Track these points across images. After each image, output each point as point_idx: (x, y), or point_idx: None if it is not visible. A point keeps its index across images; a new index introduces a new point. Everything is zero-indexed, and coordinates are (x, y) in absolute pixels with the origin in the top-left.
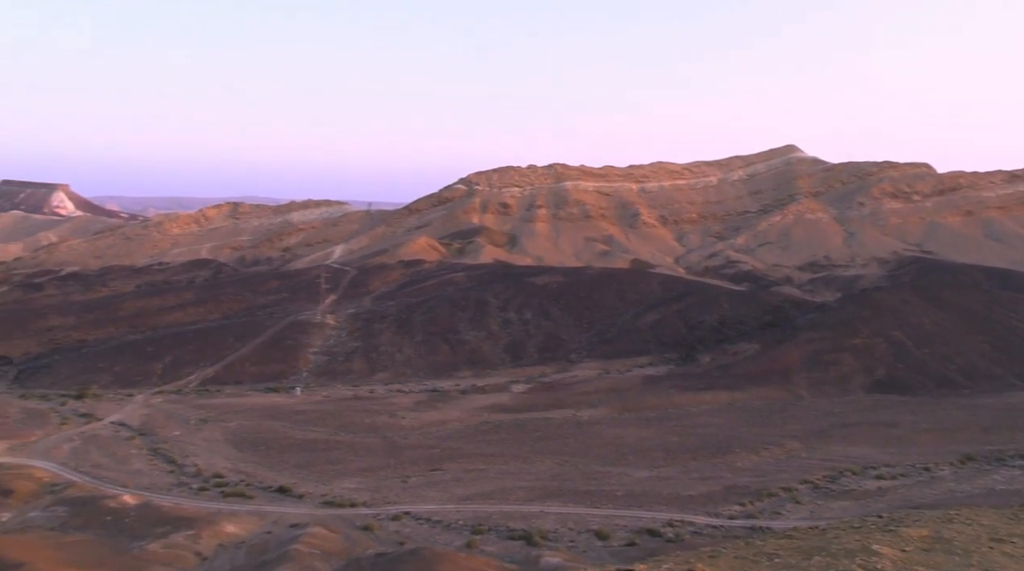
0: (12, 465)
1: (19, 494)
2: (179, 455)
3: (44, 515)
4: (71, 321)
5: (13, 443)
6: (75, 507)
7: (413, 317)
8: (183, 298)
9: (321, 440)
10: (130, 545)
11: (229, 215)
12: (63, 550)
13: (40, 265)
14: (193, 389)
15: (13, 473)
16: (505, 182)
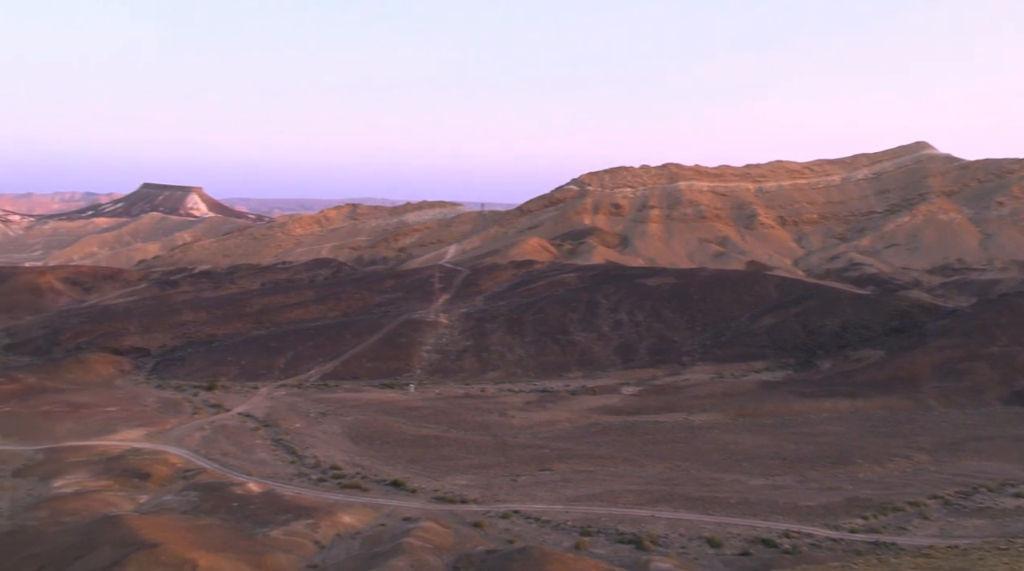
0: (150, 451)
1: (156, 478)
2: (300, 446)
3: (177, 499)
4: (203, 316)
5: (150, 430)
6: (205, 492)
7: (524, 317)
8: (305, 296)
9: (433, 436)
10: (254, 530)
11: (348, 216)
12: (194, 532)
13: (176, 263)
14: (313, 383)
15: (150, 458)
16: (617, 182)
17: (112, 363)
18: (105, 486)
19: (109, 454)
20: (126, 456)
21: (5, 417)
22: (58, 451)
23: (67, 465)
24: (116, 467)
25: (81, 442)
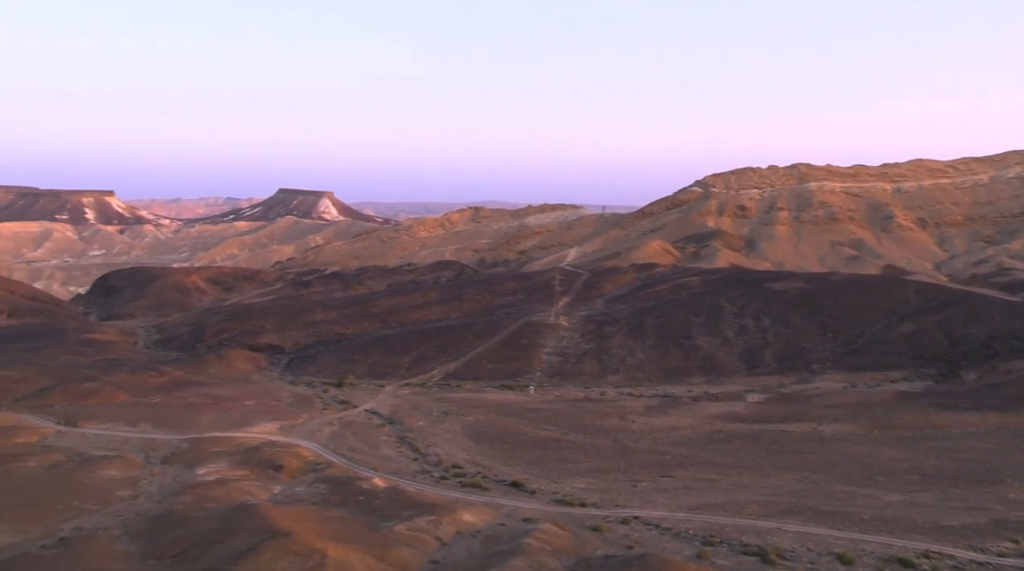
0: (283, 444)
1: (289, 470)
2: (423, 444)
3: (308, 490)
4: (333, 316)
5: (284, 424)
6: (334, 486)
7: (645, 321)
8: (429, 297)
9: (553, 439)
10: (379, 524)
11: (471, 219)
12: (323, 523)
13: (308, 264)
14: (436, 383)
15: (284, 451)
16: (743, 184)
17: (250, 359)
18: (243, 475)
19: (247, 445)
20: (262, 448)
21: (155, 408)
22: (201, 441)
23: (209, 454)
24: (253, 458)
25: (222, 433)
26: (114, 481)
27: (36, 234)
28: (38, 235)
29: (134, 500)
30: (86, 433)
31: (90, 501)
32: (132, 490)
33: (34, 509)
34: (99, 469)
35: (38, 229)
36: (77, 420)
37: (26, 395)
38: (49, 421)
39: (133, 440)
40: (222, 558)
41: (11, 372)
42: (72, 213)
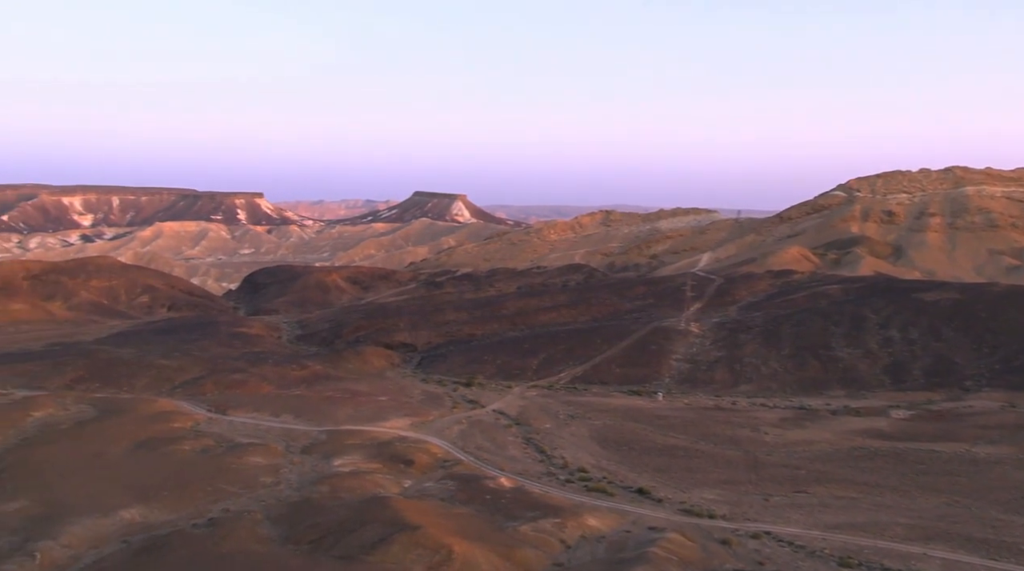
0: (414, 440)
1: (418, 465)
2: (549, 446)
3: (436, 486)
4: (463, 316)
5: (415, 420)
6: (461, 483)
7: (781, 329)
8: (557, 300)
9: (681, 447)
10: (505, 524)
11: (602, 222)
12: (451, 519)
13: (441, 266)
14: (563, 386)
15: (415, 447)
16: (891, 188)
17: (384, 356)
18: (375, 468)
19: (380, 439)
20: (394, 443)
21: (297, 400)
22: (338, 433)
23: (345, 446)
24: (385, 452)
25: (357, 427)
26: (258, 468)
27: (194, 233)
28: (196, 234)
29: (275, 486)
30: (234, 421)
31: (236, 485)
32: (274, 477)
33: (187, 490)
34: (245, 455)
35: (196, 229)
36: (226, 408)
37: (182, 383)
38: (202, 408)
39: (276, 429)
40: (355, 547)
41: (170, 361)
42: (226, 214)
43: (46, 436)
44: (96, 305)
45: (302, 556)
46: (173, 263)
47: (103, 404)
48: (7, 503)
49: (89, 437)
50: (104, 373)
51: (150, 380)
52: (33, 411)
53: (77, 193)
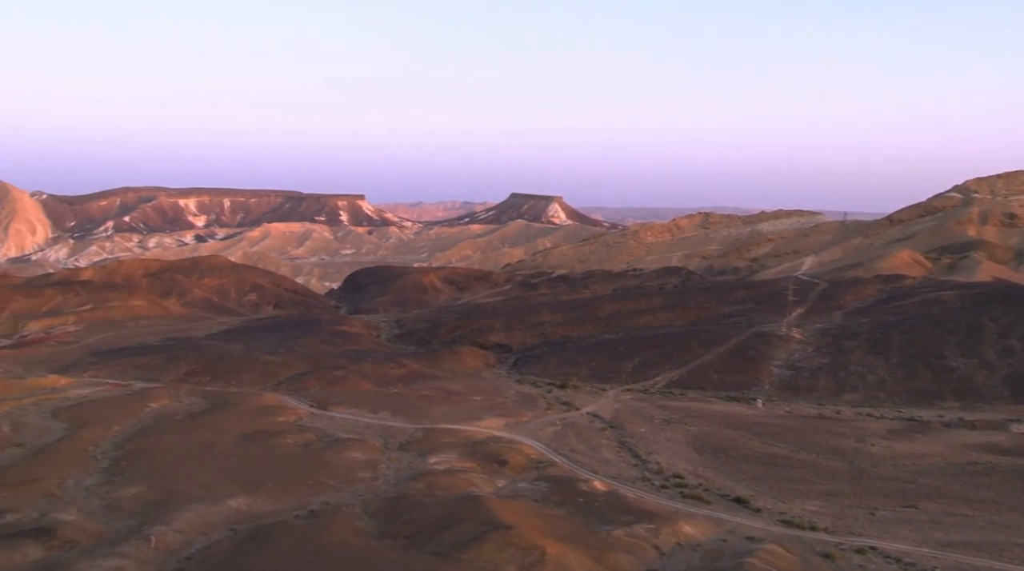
0: (508, 440)
1: (512, 465)
2: (643, 451)
3: (530, 487)
4: (558, 318)
5: (509, 421)
6: (554, 484)
7: (890, 337)
8: (654, 303)
9: (781, 456)
10: (598, 527)
11: (700, 225)
12: (544, 521)
13: (536, 267)
14: (658, 390)
15: (509, 447)
16: (1013, 189)
17: (479, 356)
18: (470, 467)
19: (474, 439)
20: (488, 442)
21: (394, 397)
22: (434, 431)
23: (440, 445)
24: (479, 451)
25: (452, 425)
26: (357, 463)
27: (299, 234)
28: (300, 235)
29: (373, 482)
30: (335, 417)
31: (336, 479)
32: (372, 472)
33: (290, 482)
34: (344, 451)
35: (300, 229)
36: (327, 404)
37: (287, 378)
38: (304, 403)
39: (374, 426)
40: (449, 544)
41: (275, 357)
42: (329, 215)
43: (161, 426)
44: (208, 302)
45: (398, 551)
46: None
47: (213, 397)
48: (126, 488)
49: (200, 428)
50: (215, 367)
51: (257, 375)
52: (150, 402)
53: (192, 195)
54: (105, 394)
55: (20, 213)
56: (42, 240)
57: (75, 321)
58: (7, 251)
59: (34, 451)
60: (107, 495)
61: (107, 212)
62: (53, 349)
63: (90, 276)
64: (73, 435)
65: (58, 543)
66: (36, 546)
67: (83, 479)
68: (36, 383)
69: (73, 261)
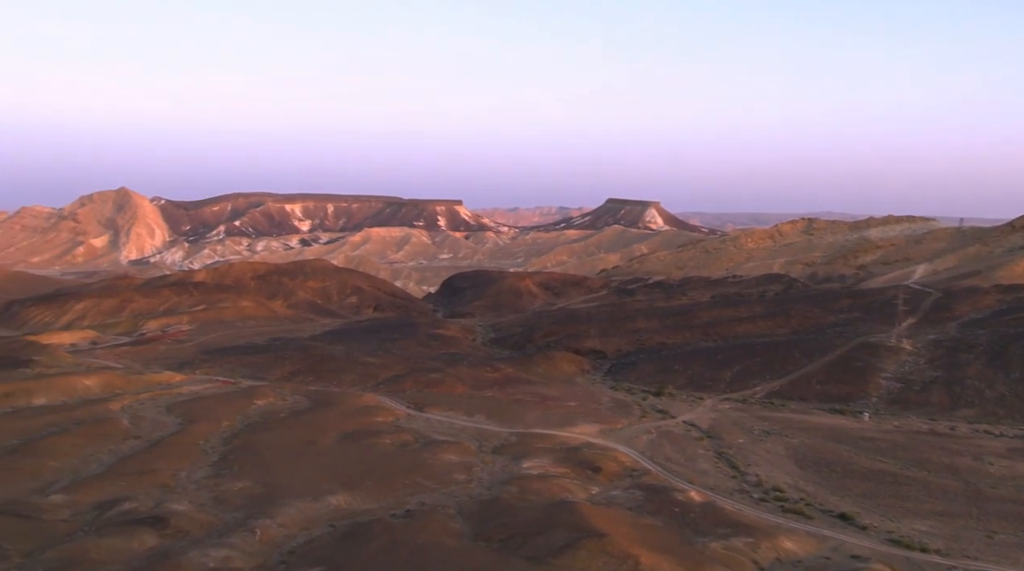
0: (602, 447)
1: (606, 473)
2: (742, 462)
3: (624, 495)
4: (654, 325)
5: (603, 427)
6: (649, 493)
7: (1010, 350)
8: (753, 311)
9: (889, 472)
10: (694, 539)
11: (803, 231)
12: (637, 530)
13: (632, 273)
14: (758, 400)
15: (603, 454)
16: None
17: (574, 362)
18: (563, 473)
19: (568, 444)
20: (582, 448)
21: (489, 401)
22: (528, 436)
23: (534, 449)
24: (573, 457)
25: (546, 430)
26: (452, 465)
27: (398, 238)
28: (399, 239)
29: (468, 484)
30: (430, 418)
31: (431, 480)
32: (466, 474)
33: (387, 481)
34: (440, 452)
35: (400, 234)
36: (424, 406)
37: (385, 380)
38: (401, 404)
39: (469, 429)
40: (542, 549)
41: (375, 359)
42: (427, 220)
43: (267, 423)
44: (311, 304)
45: (492, 553)
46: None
47: (316, 396)
48: (233, 482)
49: (303, 426)
50: (317, 367)
51: (357, 376)
52: (256, 399)
53: (297, 201)
54: (215, 391)
55: (140, 218)
56: (160, 243)
57: (189, 320)
58: (128, 254)
59: (150, 444)
60: (216, 488)
61: (219, 217)
62: (168, 347)
63: (203, 278)
64: (186, 429)
65: (171, 532)
66: (151, 534)
67: (194, 472)
68: (153, 379)
69: (188, 263)
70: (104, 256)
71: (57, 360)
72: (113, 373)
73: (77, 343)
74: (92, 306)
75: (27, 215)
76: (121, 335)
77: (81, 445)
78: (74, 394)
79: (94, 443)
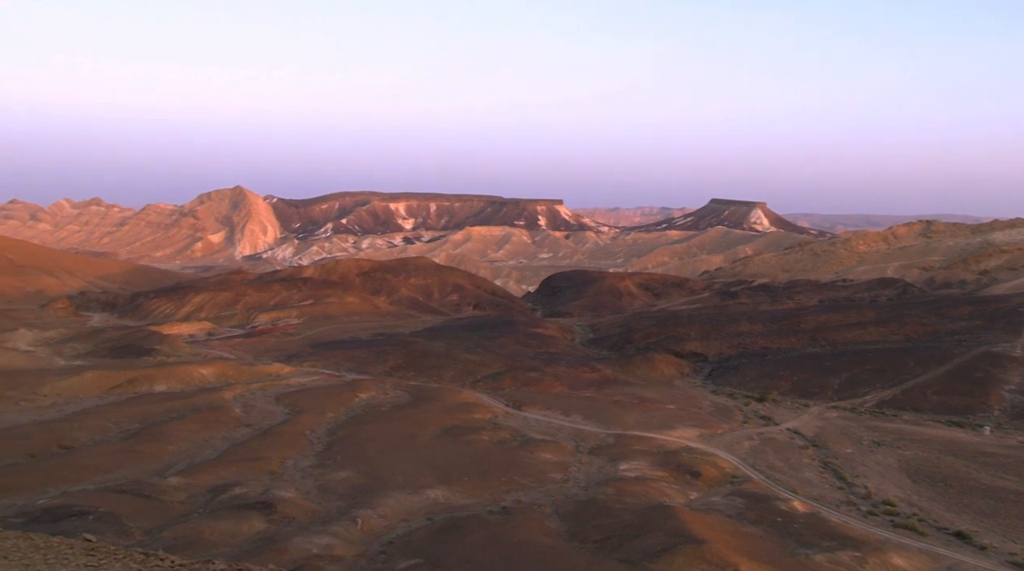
0: (702, 451)
1: (706, 478)
2: (849, 473)
3: (723, 502)
4: (758, 328)
5: (703, 432)
6: (750, 501)
7: None
8: (865, 316)
9: (1012, 490)
10: (796, 550)
11: (920, 233)
12: (738, 538)
13: (736, 275)
14: (868, 409)
15: (702, 458)
16: None
17: (674, 364)
18: (661, 476)
19: (666, 448)
20: (681, 452)
21: (586, 401)
22: (625, 438)
23: (632, 451)
24: (671, 461)
25: (644, 433)
26: (548, 464)
27: (499, 237)
28: (500, 238)
29: (564, 484)
30: (528, 417)
31: (528, 478)
32: (563, 474)
33: (484, 478)
34: (537, 451)
35: (500, 233)
36: (521, 404)
37: (484, 377)
38: (499, 402)
39: (566, 428)
40: (638, 552)
41: (474, 356)
42: (527, 220)
43: (369, 416)
44: (413, 301)
45: (587, 554)
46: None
47: (416, 391)
48: (336, 472)
49: (403, 420)
50: (418, 363)
51: (456, 372)
52: (360, 393)
53: (401, 199)
54: (321, 383)
55: (254, 215)
56: (272, 240)
57: (297, 315)
58: (242, 249)
59: (260, 432)
60: (320, 477)
61: (327, 215)
62: (278, 340)
63: (311, 274)
64: (293, 419)
65: (278, 518)
66: (259, 518)
67: (300, 460)
68: (263, 370)
69: (297, 260)
70: (220, 251)
71: (176, 350)
72: (227, 363)
73: (195, 333)
74: (208, 299)
75: (151, 212)
76: (234, 327)
77: (197, 431)
78: (191, 382)
79: (209, 429)
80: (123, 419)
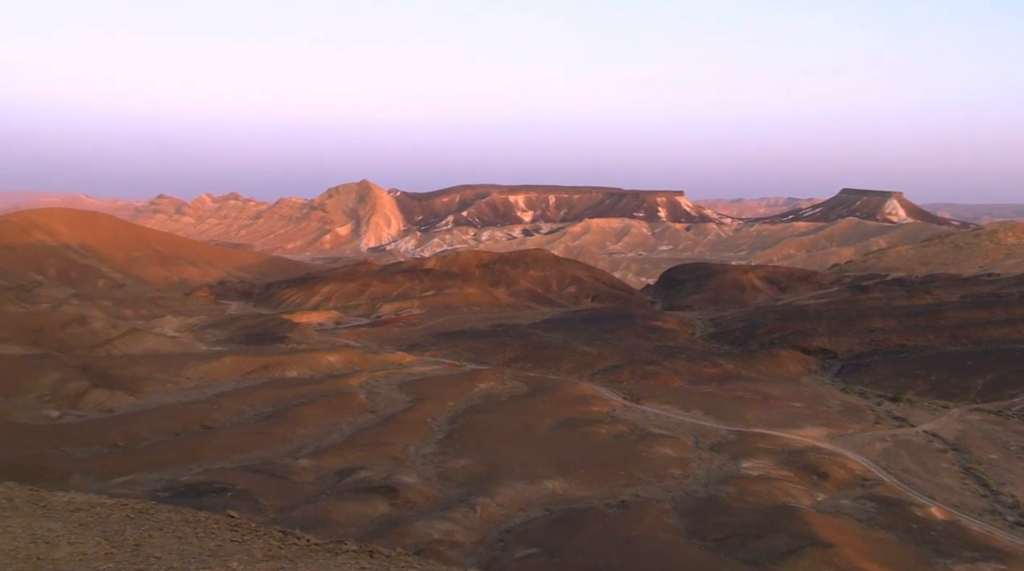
0: (830, 452)
1: (834, 479)
2: (994, 480)
3: (853, 505)
4: (892, 324)
5: (831, 432)
6: (883, 505)
7: None
8: (1013, 313)
9: None
10: (934, 559)
11: None
12: (869, 543)
13: (868, 269)
14: (1016, 413)
15: (830, 459)
16: None
17: (800, 361)
18: (786, 476)
19: (791, 447)
20: (807, 452)
21: (707, 397)
22: (747, 435)
23: (754, 449)
24: (797, 461)
25: (767, 431)
26: (667, 459)
27: (617, 229)
28: (619, 230)
29: (683, 480)
30: (646, 411)
31: (646, 473)
32: (682, 470)
33: (602, 471)
34: (655, 445)
35: (619, 225)
36: (639, 398)
37: (601, 370)
38: (617, 395)
39: (685, 424)
40: (762, 553)
41: (591, 348)
42: (647, 211)
43: (487, 406)
44: (531, 293)
45: (706, 552)
46: (598, 257)
47: (534, 382)
48: (456, 459)
49: (521, 411)
50: (536, 355)
51: (573, 364)
52: (479, 383)
53: (520, 192)
54: (442, 372)
55: (379, 208)
56: (395, 232)
57: (419, 305)
58: (368, 241)
59: (384, 418)
60: (441, 464)
61: (448, 207)
62: (401, 329)
63: (432, 265)
64: (415, 407)
65: (400, 502)
66: (383, 502)
67: (422, 447)
68: (387, 358)
69: (419, 251)
70: (347, 243)
71: (306, 337)
72: (353, 351)
73: (323, 322)
74: (336, 289)
75: (284, 206)
76: (360, 316)
77: (325, 416)
78: (320, 369)
79: (336, 414)
80: (258, 402)
